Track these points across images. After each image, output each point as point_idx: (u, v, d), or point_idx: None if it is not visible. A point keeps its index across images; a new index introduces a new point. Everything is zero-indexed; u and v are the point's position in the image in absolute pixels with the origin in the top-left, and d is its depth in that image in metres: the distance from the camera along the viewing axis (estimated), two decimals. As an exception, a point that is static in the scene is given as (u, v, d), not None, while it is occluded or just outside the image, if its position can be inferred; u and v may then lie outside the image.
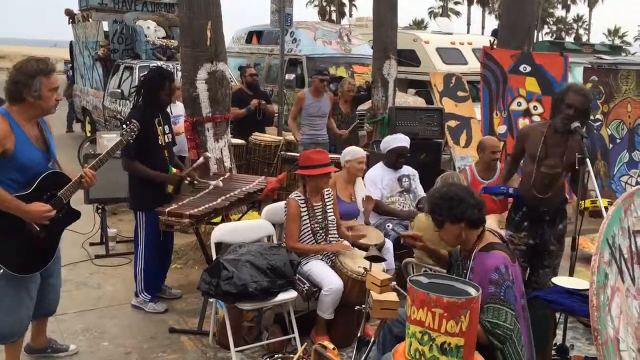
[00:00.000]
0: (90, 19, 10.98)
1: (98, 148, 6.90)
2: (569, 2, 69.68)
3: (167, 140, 4.41)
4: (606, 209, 4.03)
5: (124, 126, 3.64)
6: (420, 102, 9.75)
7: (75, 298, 4.58)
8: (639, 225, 2.80)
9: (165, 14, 10.77)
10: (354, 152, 4.74)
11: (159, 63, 9.00)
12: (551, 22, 70.64)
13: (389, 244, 4.36)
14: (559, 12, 71.31)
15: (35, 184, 3.07)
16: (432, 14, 67.97)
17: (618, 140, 7.02)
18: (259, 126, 7.11)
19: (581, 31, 70.55)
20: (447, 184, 3.64)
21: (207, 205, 4.01)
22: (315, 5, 68.48)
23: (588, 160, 3.46)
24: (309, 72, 9.63)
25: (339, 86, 7.38)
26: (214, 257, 3.82)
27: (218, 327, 3.88)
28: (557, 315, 3.45)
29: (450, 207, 2.74)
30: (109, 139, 6.75)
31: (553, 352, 3.46)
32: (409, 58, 11.61)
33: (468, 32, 50.45)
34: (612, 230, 2.67)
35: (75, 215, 3.37)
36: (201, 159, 4.60)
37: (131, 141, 3.66)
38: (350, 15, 59.87)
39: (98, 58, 10.55)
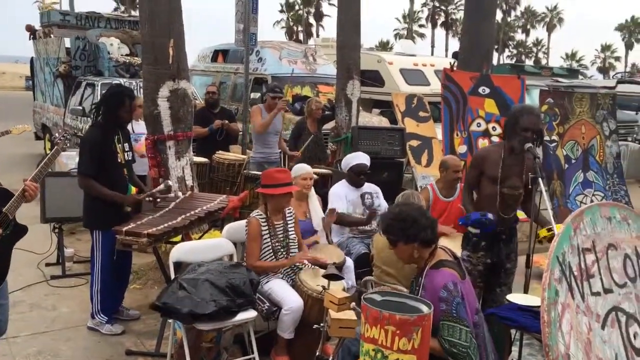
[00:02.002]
0: (51, 35, 10.84)
1: (57, 166, 6.76)
2: (528, 27, 71.99)
3: (127, 158, 4.36)
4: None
5: (56, 135, 3.58)
6: (384, 122, 9.87)
7: (29, 320, 4.45)
8: (588, 243, 2.89)
9: (129, 31, 10.70)
10: (297, 169, 4.80)
11: (122, 80, 8.92)
12: (512, 46, 72.74)
13: (349, 263, 4.38)
14: (519, 36, 73.61)
15: None
16: (398, 35, 69.26)
17: (573, 161, 7.24)
18: (222, 145, 7.08)
19: (540, 55, 72.85)
20: (400, 204, 3.69)
21: (166, 224, 3.96)
22: (282, 27, 68.98)
23: (540, 180, 3.55)
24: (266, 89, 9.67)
25: (305, 105, 7.42)
26: (173, 277, 3.77)
27: (176, 348, 3.80)
28: (513, 331, 3.51)
29: (403, 228, 2.78)
30: (68, 157, 6.63)
31: (509, 369, 3.51)
32: (373, 79, 11.78)
33: (432, 54, 51.46)
34: (563, 248, 2.75)
35: (23, 230, 3.29)
36: (162, 186, 4.47)
37: (66, 148, 3.59)
38: (317, 36, 60.51)
39: (59, 75, 10.39)
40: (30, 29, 11.89)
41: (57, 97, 10.70)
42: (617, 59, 71.48)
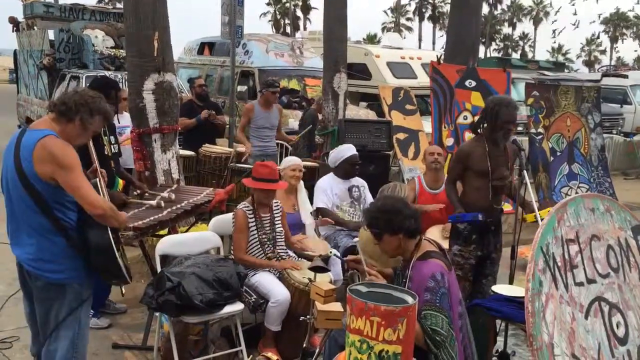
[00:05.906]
0: (35, 28, 10.71)
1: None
2: (515, 20, 72.27)
3: (113, 150, 4.33)
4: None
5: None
6: (371, 115, 9.88)
7: (13, 315, 4.41)
8: (572, 234, 2.92)
9: (114, 23, 10.61)
10: (287, 161, 4.81)
11: (107, 73, 8.85)
12: (499, 39, 72.99)
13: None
14: (506, 29, 73.88)
15: None
16: (385, 29, 69.18)
17: (558, 153, 7.31)
18: (209, 138, 7.07)
19: (527, 48, 73.20)
20: (382, 196, 3.70)
21: (152, 218, 3.93)
22: (269, 21, 68.55)
23: (525, 172, 3.59)
24: (260, 84, 9.67)
25: (317, 99, 7.60)
26: (160, 270, 3.76)
27: (163, 341, 3.80)
28: (499, 322, 3.55)
29: (387, 219, 2.79)
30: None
31: (494, 359, 3.55)
32: (361, 72, 11.79)
33: (420, 47, 51.55)
34: (546, 239, 2.78)
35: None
36: (154, 202, 4.19)
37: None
38: (305, 29, 60.31)
39: (43, 67, 10.28)
40: (13, 20, 11.76)
41: (41, 89, 10.58)
42: (603, 52, 72.09)
